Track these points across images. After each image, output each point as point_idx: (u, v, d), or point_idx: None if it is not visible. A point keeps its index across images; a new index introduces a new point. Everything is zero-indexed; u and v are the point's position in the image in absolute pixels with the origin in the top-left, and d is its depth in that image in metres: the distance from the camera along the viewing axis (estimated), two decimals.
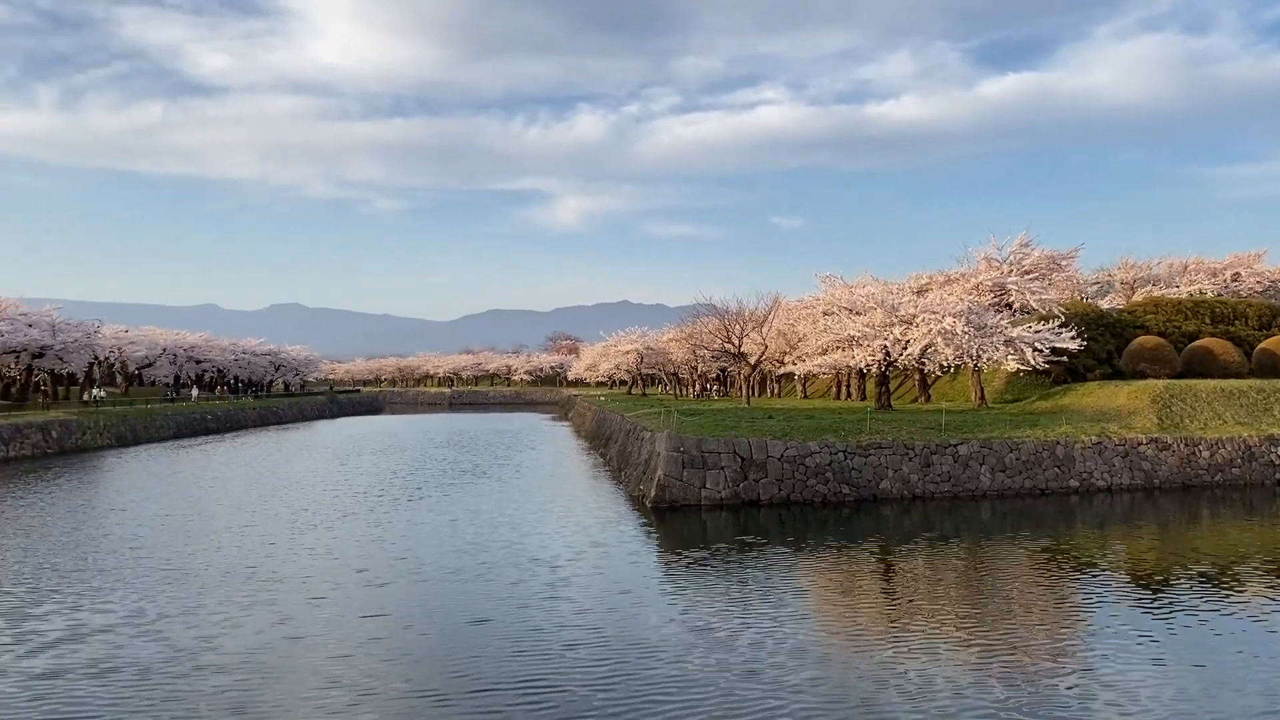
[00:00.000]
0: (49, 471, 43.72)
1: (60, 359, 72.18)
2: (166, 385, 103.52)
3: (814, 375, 68.93)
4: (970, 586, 19.75)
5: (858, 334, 46.62)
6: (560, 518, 28.61)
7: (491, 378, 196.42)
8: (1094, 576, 20.51)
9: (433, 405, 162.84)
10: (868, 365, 48.21)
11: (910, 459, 31.90)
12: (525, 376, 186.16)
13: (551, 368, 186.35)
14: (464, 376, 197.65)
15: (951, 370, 53.16)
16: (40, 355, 70.26)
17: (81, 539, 25.39)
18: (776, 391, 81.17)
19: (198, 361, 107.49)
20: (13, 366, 73.54)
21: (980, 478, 32.16)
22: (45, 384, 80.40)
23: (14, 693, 13.27)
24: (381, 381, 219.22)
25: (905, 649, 15.19)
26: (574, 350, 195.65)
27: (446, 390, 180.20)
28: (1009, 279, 50.72)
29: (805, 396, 74.21)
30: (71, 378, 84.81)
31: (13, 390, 72.39)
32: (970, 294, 49.61)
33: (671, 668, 14.22)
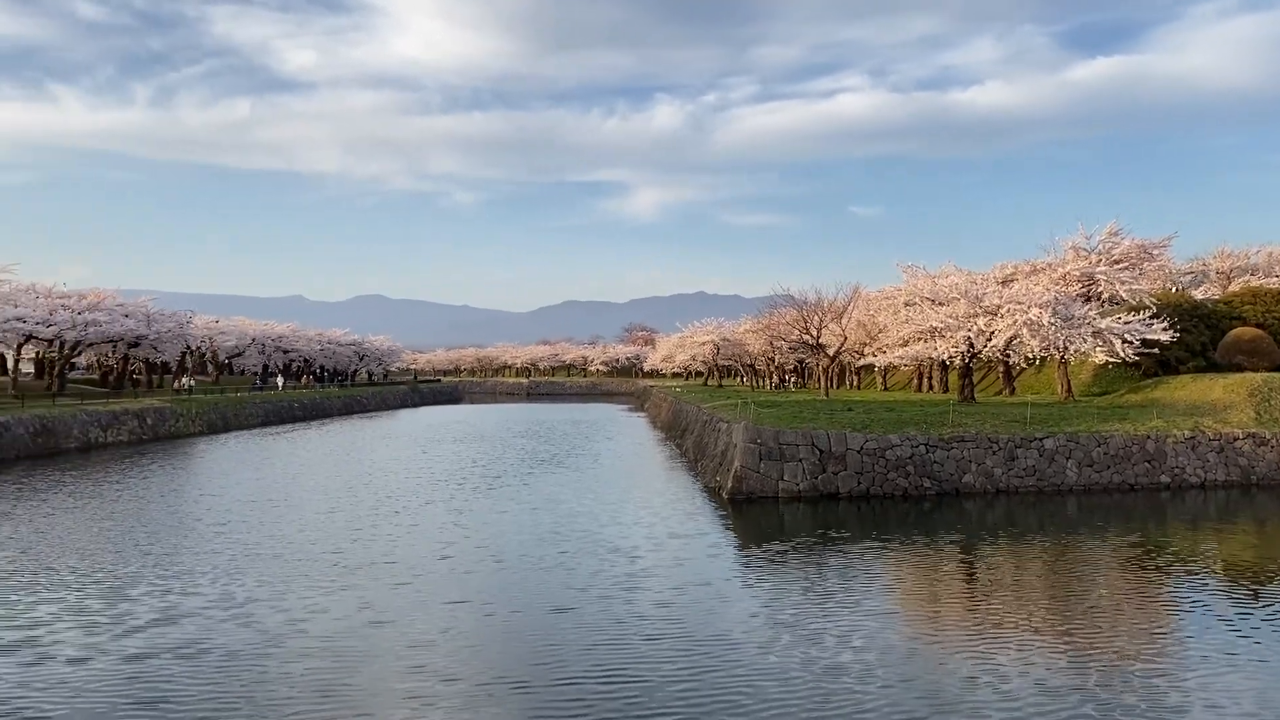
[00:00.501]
0: (144, 457, 45.00)
1: (155, 348, 74.37)
2: (255, 374, 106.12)
3: (894, 367, 67.97)
4: (1057, 583, 19.22)
5: (940, 325, 45.74)
6: (637, 508, 28.55)
7: (568, 368, 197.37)
8: (1188, 575, 19.81)
9: (510, 395, 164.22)
10: (950, 357, 47.28)
11: (994, 452, 31.21)
12: (601, 367, 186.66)
13: (627, 359, 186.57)
14: (541, 367, 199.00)
15: (1037, 362, 52.04)
16: (136, 345, 72.42)
17: (174, 523, 26.03)
18: (856, 383, 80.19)
19: (285, 351, 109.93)
20: (110, 355, 75.98)
21: (1066, 472, 31.36)
22: (140, 372, 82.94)
23: (110, 673, 13.60)
24: (461, 371, 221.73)
25: (992, 645, 14.81)
26: (650, 341, 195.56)
27: (524, 380, 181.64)
28: (1098, 269, 49.32)
29: (885, 389, 73.13)
30: (165, 366, 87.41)
31: (110, 379, 74.81)
32: (1057, 284, 48.35)
33: (756, 663, 14.03)
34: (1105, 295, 49.41)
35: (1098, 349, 42.57)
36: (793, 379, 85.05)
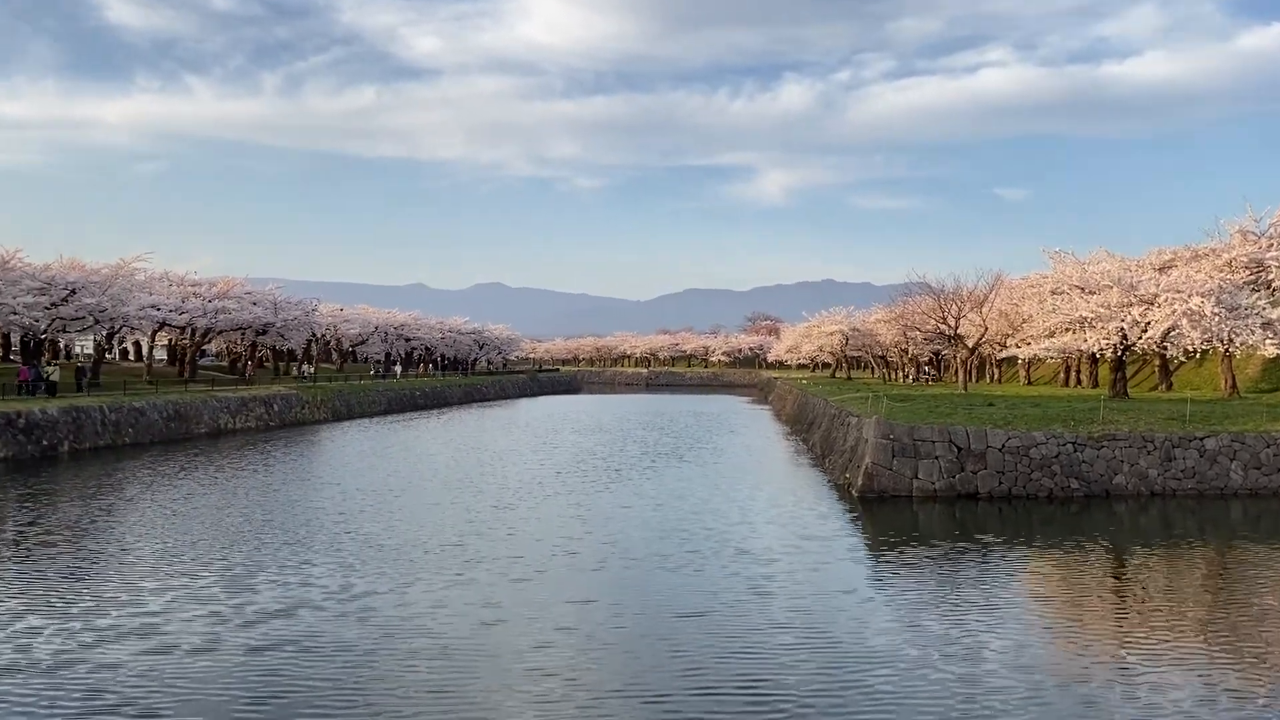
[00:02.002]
0: (269, 444, 46.35)
1: (281, 336, 76.75)
2: (377, 362, 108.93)
3: (1039, 360, 65.70)
4: (1217, 593, 18.16)
5: (1090, 315, 43.84)
6: (765, 505, 28.09)
7: (688, 359, 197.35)
8: None
9: (629, 385, 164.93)
10: (1101, 349, 45.24)
11: (1149, 452, 29.69)
12: (723, 358, 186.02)
13: (750, 349, 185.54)
14: (660, 357, 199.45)
15: (1197, 356, 49.41)
16: (263, 333, 74.85)
17: (297, 512, 26.50)
18: (997, 377, 77.91)
19: (407, 339, 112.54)
20: (239, 342, 78.72)
21: (1230, 474, 29.63)
22: (268, 359, 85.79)
23: (230, 665, 13.63)
24: (579, 361, 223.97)
25: (1147, 661, 13.91)
26: (774, 331, 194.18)
27: (643, 370, 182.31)
28: (1268, 254, 46.46)
29: (1029, 383, 70.92)
30: (291, 354, 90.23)
31: (238, 365, 77.52)
32: (1221, 271, 45.77)
33: (900, 676, 13.29)
34: (1276, 283, 46.55)
35: (1267, 341, 40.12)
36: (928, 372, 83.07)
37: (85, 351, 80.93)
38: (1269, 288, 46.76)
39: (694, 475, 35.46)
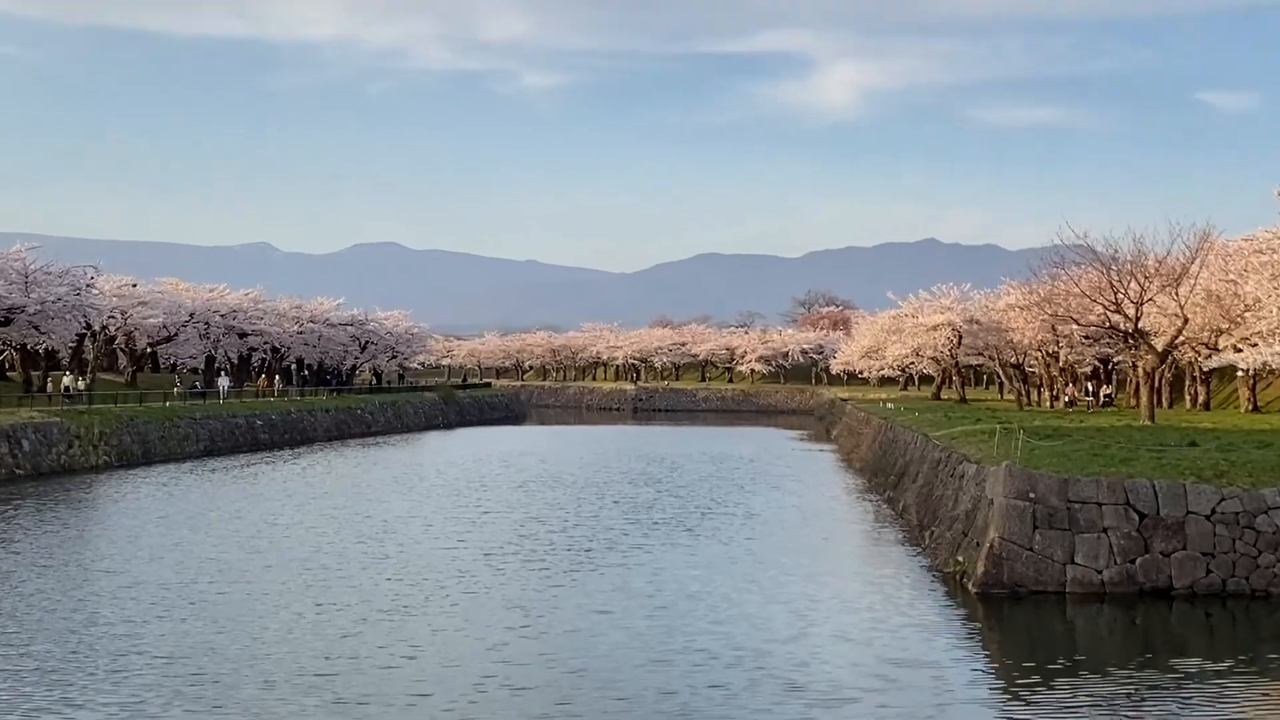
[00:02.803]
0: (11, 506, 46.18)
1: (35, 328, 76.24)
2: (194, 371, 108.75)
3: (1272, 370, 65.90)
4: None
5: None
6: (828, 610, 28.27)
7: (702, 367, 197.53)
8: None
9: (606, 410, 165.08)
10: None
11: None
12: (758, 366, 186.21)
13: (803, 351, 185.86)
14: (656, 365, 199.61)
15: None
16: (6, 322, 74.43)
17: (58, 619, 26.47)
18: (1202, 398, 78.12)
19: (243, 334, 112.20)
20: None
21: None
22: (13, 366, 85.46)
23: None
24: (526, 370, 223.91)
25: None
26: (841, 324, 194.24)
27: (629, 387, 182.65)
28: None
29: (1255, 408, 70.93)
30: (53, 356, 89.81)
31: None
32: None
33: None
34: None
35: None
36: (1095, 389, 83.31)
37: None
38: None
39: (714, 558, 35.65)
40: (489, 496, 52.03)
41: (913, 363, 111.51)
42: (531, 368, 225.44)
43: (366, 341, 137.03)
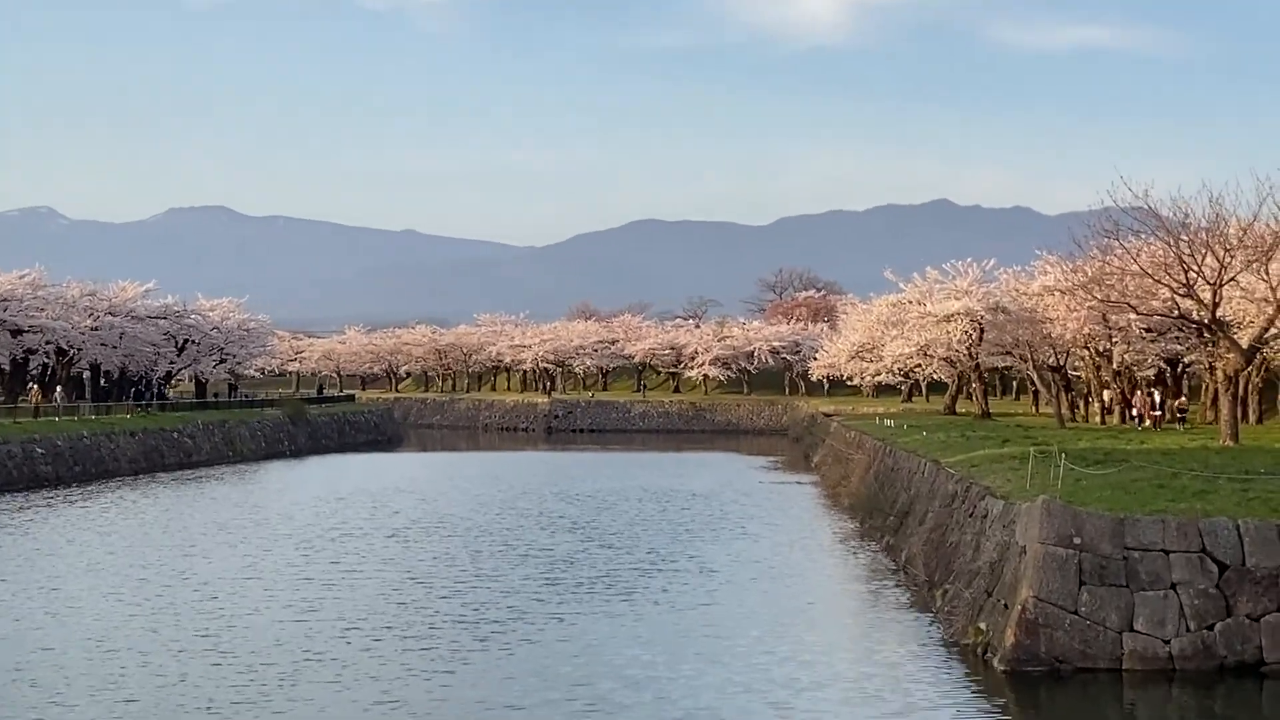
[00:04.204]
0: None
1: None
2: None
3: None
4: None
5: None
6: (810, 702, 28.36)
7: (639, 372, 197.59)
8: None
9: (510, 432, 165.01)
10: None
11: None
12: (714, 371, 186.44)
13: (773, 351, 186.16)
14: (578, 370, 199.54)
15: None
16: None
17: None
18: None
19: (15, 331, 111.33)
20: None
21: None
22: None
23: None
24: (402, 378, 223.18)
25: None
26: (824, 312, 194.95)
27: (540, 400, 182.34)
28: None
29: None
30: None
31: None
32: None
33: None
34: None
35: None
36: (1164, 400, 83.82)
37: None
38: None
39: (660, 631, 35.78)
40: (352, 549, 51.66)
41: (919, 365, 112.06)
42: (410, 374, 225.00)
43: (186, 340, 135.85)
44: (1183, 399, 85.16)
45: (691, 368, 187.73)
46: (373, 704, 27.77)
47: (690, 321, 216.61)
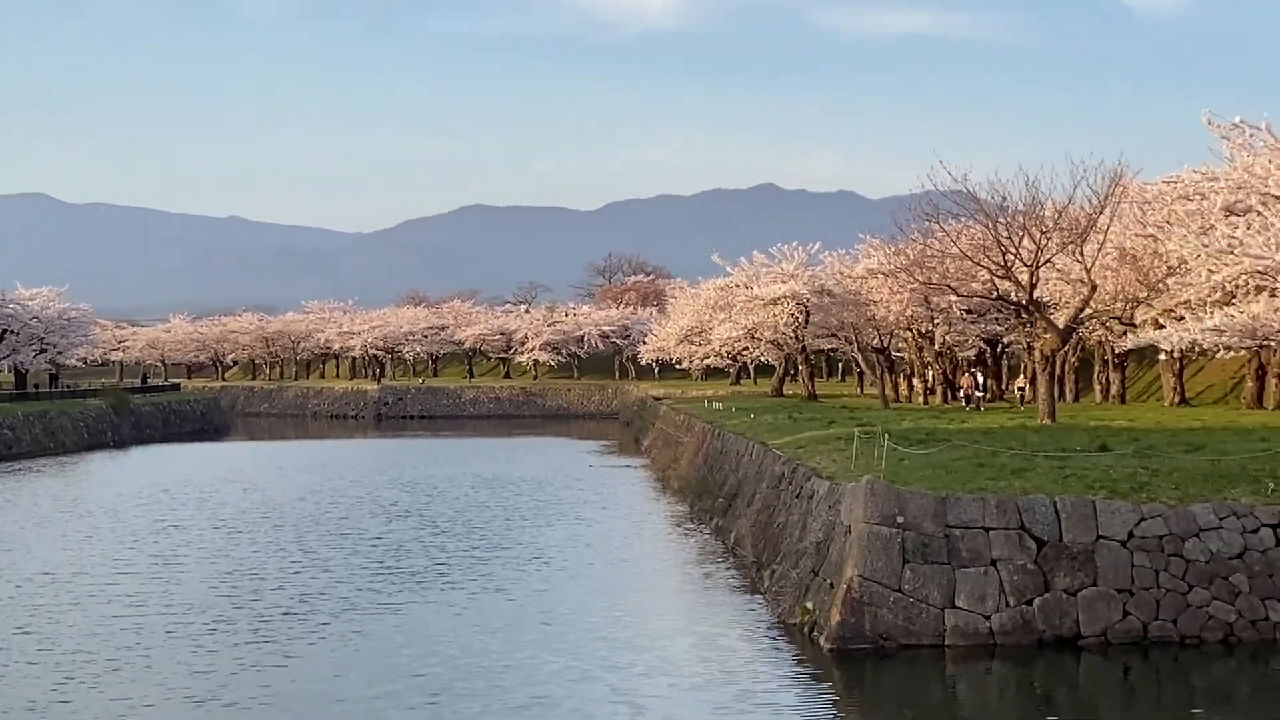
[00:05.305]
0: None
1: None
2: None
3: (1202, 352, 67.74)
4: None
5: None
6: (640, 686, 28.45)
7: (469, 358, 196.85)
8: None
9: (340, 419, 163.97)
10: None
11: None
12: (544, 356, 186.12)
13: (603, 335, 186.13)
14: (407, 357, 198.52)
15: None
16: None
17: None
18: (1116, 388, 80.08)
19: None
20: None
21: None
22: None
23: None
24: (229, 367, 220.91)
25: None
26: (653, 296, 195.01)
27: (370, 387, 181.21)
28: None
29: (1183, 400, 72.84)
30: None
31: None
32: None
33: None
34: None
35: None
36: (981, 381, 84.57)
37: None
38: None
39: (492, 617, 35.76)
40: (179, 541, 51.17)
41: (747, 348, 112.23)
42: (237, 363, 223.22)
43: (4, 330, 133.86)
44: (989, 375, 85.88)
45: (522, 353, 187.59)
46: (202, 700, 27.41)
47: (520, 307, 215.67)
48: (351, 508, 61.84)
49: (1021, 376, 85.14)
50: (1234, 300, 54.52)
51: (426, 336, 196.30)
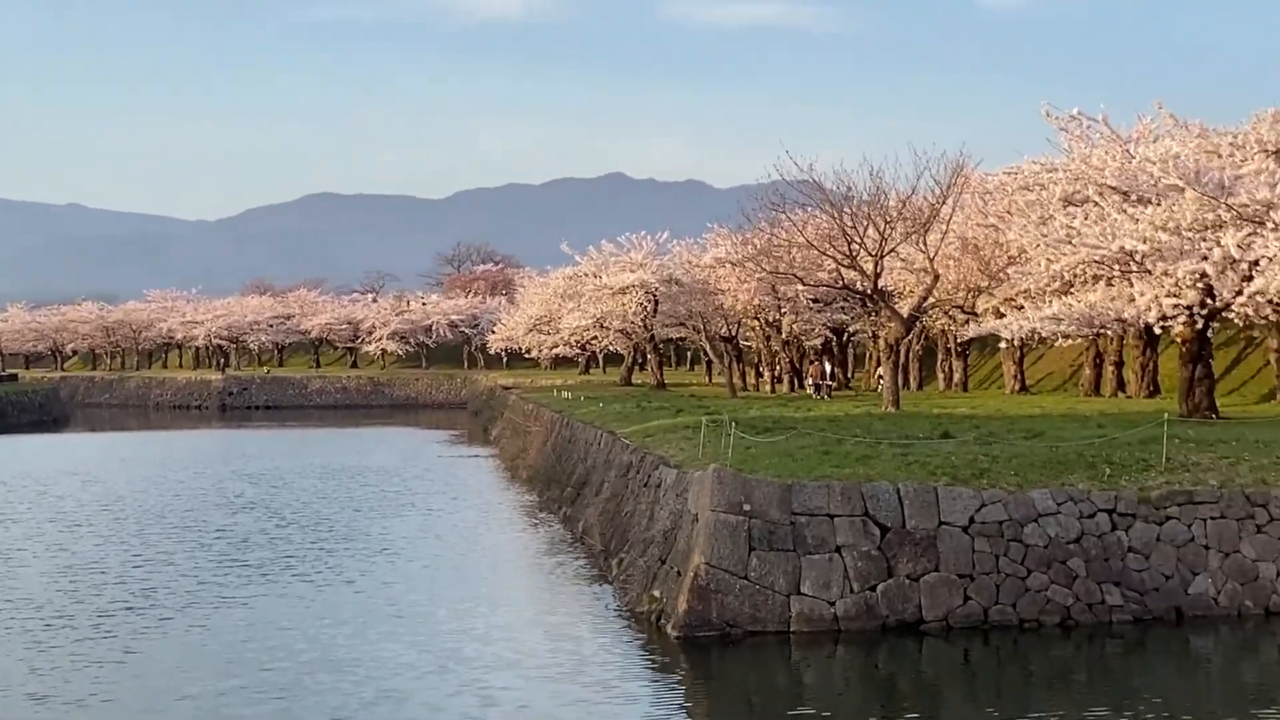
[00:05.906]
0: None
1: None
2: None
3: (1041, 340, 68.54)
4: None
5: (1144, 247, 46.26)
6: (497, 678, 28.45)
7: (315, 347, 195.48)
8: None
9: (183, 410, 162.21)
10: (1165, 317, 47.83)
11: (1258, 529, 31.90)
12: (392, 346, 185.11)
13: (451, 324, 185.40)
14: (252, 346, 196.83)
15: None
16: None
17: None
18: (959, 377, 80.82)
19: None
20: None
21: None
22: None
23: None
24: (68, 357, 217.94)
25: None
26: (501, 285, 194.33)
27: (214, 377, 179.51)
28: None
29: (1023, 388, 73.67)
30: None
31: None
32: None
33: None
34: None
35: None
36: (831, 370, 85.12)
37: None
38: None
39: (340, 608, 35.62)
40: (15, 535, 50.16)
41: (596, 337, 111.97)
42: (76, 353, 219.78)
43: None
44: (835, 365, 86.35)
45: (369, 342, 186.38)
46: (43, 697, 27.07)
47: (368, 296, 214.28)
48: (195, 500, 60.96)
49: (881, 365, 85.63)
50: (1072, 289, 55.21)
51: (272, 326, 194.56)
